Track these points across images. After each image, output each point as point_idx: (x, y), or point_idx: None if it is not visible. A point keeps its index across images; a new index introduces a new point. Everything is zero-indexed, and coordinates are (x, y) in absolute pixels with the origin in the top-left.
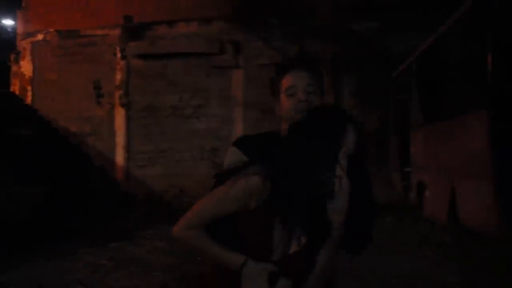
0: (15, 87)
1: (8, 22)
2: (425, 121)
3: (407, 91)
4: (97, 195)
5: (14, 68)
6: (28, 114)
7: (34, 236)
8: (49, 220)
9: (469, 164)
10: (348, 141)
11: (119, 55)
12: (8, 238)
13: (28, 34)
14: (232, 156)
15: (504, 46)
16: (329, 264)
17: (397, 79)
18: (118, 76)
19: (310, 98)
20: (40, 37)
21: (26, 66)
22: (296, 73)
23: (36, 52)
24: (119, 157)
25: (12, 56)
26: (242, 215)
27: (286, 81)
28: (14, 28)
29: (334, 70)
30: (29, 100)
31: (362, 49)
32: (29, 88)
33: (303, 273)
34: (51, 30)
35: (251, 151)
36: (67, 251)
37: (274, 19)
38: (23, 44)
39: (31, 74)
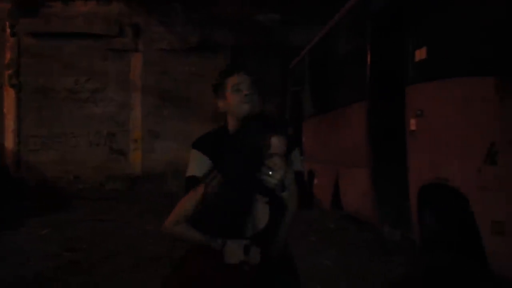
0: None
1: None
2: (316, 112)
3: (302, 82)
4: None
5: None
6: None
7: None
8: None
9: (350, 153)
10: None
11: (8, 31)
12: None
13: None
14: (195, 160)
15: (382, 38)
16: (285, 233)
17: (293, 70)
18: (8, 55)
19: (253, 96)
20: None
21: None
22: (241, 74)
23: None
24: (9, 142)
25: None
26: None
27: (233, 80)
28: None
29: (234, 59)
30: None
31: (263, 39)
32: None
33: (269, 242)
34: None
35: (210, 153)
36: None
37: (178, 4)
38: None
39: None
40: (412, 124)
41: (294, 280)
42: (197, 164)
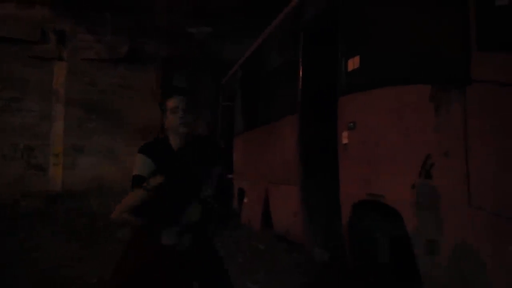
0: None
1: None
2: (247, 127)
3: (234, 97)
4: None
5: None
6: None
7: None
8: None
9: (280, 169)
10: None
11: None
12: None
13: None
14: (141, 162)
15: (315, 49)
16: (212, 227)
17: (225, 85)
18: None
19: (187, 115)
20: None
21: None
22: (177, 97)
23: None
24: None
25: None
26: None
27: (171, 103)
28: None
29: (165, 71)
30: None
31: (195, 52)
32: None
33: (199, 231)
34: None
35: (154, 158)
36: None
37: (107, 12)
38: None
39: None
40: (344, 137)
41: (218, 262)
42: (142, 165)
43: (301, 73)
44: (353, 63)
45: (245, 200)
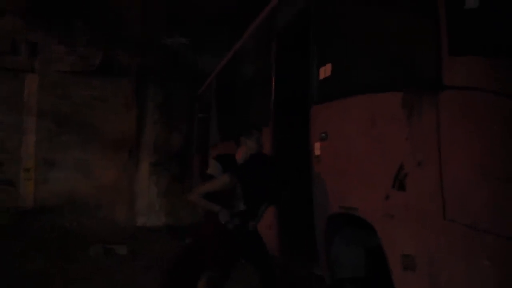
0: None
1: None
2: (221, 139)
3: (209, 109)
4: None
5: None
6: None
7: None
8: None
9: None
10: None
11: None
12: None
13: None
14: (214, 166)
15: (287, 59)
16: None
17: (200, 96)
18: None
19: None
20: None
21: None
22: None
23: None
24: None
25: None
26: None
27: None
28: None
29: (139, 82)
30: None
31: (170, 63)
32: None
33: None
34: None
35: (224, 164)
36: None
37: (80, 23)
38: None
39: None
40: (317, 148)
41: (262, 246)
42: (214, 168)
43: (273, 82)
44: (325, 71)
45: None
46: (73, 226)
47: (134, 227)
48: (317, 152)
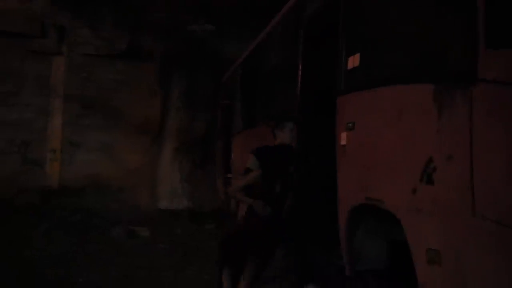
0: None
1: None
2: (245, 126)
3: (233, 96)
4: None
5: None
6: None
7: None
8: None
9: None
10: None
11: None
12: None
13: None
14: (252, 160)
15: (315, 47)
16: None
17: (225, 83)
18: None
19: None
20: None
21: None
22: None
23: None
24: None
25: None
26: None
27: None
28: None
29: (164, 68)
30: None
31: (195, 50)
32: None
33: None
34: None
35: (258, 156)
36: None
37: (106, 7)
38: None
39: None
40: (343, 138)
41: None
42: (252, 162)
43: (300, 71)
44: (353, 61)
45: None
46: (96, 208)
47: (156, 211)
48: (343, 142)
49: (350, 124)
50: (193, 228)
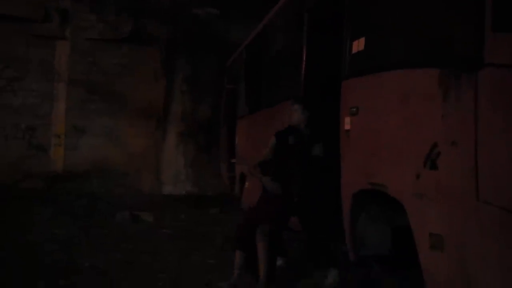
0: None
1: None
2: (249, 110)
3: (238, 80)
4: None
5: None
6: None
7: None
8: None
9: None
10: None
11: None
12: None
13: None
14: (271, 140)
15: (319, 31)
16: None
17: (230, 67)
18: None
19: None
20: None
21: None
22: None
23: None
24: None
25: None
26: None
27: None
28: None
29: (168, 52)
30: None
31: (200, 34)
32: None
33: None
34: None
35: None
36: None
37: None
38: None
39: None
40: (346, 122)
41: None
42: (271, 141)
43: (304, 55)
44: (358, 45)
45: (246, 185)
46: (100, 193)
47: (161, 196)
48: (346, 126)
49: (354, 109)
50: (197, 213)
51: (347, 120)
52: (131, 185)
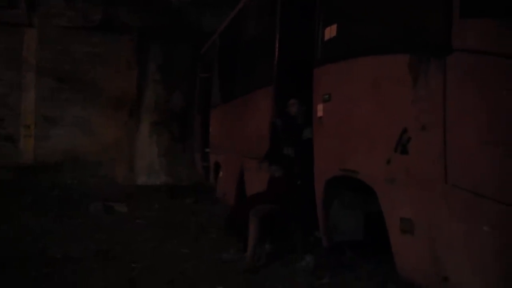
0: None
1: None
2: (223, 99)
3: (212, 68)
4: None
5: None
6: None
7: None
8: None
9: (255, 143)
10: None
11: None
12: None
13: None
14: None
15: (292, 19)
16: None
17: (203, 56)
18: None
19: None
20: None
21: None
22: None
23: None
24: None
25: None
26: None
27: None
28: None
29: (141, 41)
30: None
31: (173, 22)
32: None
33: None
34: None
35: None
36: None
37: None
38: None
39: None
40: (319, 109)
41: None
42: (272, 130)
43: (277, 42)
44: (330, 32)
45: (221, 174)
46: (73, 184)
47: (134, 186)
48: (319, 113)
49: (327, 96)
50: (171, 203)
51: (320, 107)
52: (104, 176)
